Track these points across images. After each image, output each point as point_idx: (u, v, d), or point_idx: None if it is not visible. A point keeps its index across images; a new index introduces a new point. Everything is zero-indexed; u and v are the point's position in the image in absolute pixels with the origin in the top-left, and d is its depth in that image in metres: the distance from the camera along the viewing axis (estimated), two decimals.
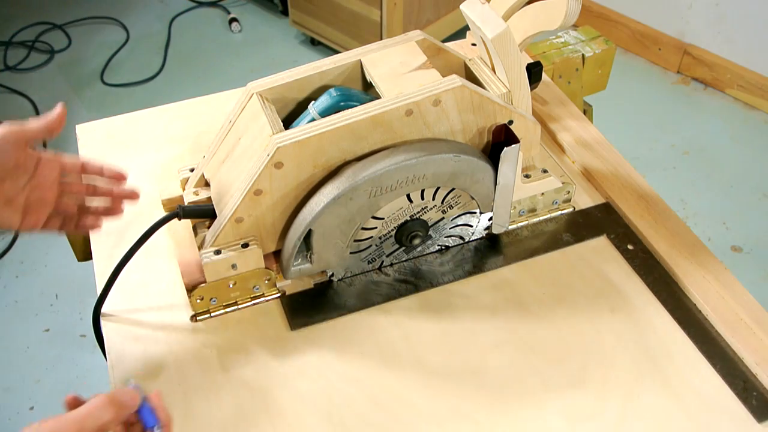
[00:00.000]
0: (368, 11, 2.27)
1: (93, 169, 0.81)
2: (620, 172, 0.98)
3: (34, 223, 0.77)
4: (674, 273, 0.86)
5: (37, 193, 0.76)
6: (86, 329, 1.76)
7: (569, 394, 0.76)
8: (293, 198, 0.80)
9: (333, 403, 0.75)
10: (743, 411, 0.74)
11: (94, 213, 0.83)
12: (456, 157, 0.79)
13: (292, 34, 2.69)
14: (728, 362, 0.78)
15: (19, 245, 1.99)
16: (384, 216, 0.82)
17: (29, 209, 0.76)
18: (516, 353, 0.79)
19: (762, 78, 2.28)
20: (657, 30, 2.46)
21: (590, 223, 0.93)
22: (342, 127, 0.76)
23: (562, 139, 1.03)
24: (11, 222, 0.75)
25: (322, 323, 0.82)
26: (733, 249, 1.92)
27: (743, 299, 0.83)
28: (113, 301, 0.84)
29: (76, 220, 0.82)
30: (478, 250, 0.90)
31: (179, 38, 2.68)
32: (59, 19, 2.74)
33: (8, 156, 0.72)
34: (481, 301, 0.84)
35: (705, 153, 2.19)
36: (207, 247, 0.80)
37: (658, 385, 0.76)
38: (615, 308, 0.84)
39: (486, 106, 0.81)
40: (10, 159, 0.72)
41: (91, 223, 0.83)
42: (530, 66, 0.91)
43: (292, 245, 0.80)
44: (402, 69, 0.83)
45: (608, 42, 1.21)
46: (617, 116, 2.28)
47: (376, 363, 0.79)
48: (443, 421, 0.74)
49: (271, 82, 0.84)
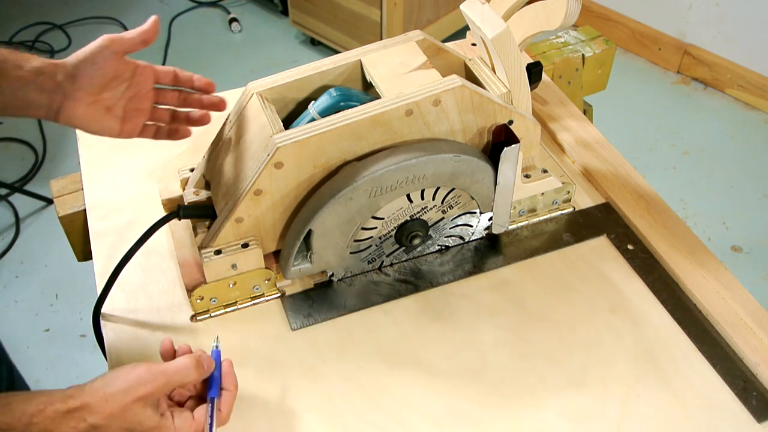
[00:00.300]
0: (368, 11, 2.27)
1: (184, 79, 0.84)
2: (620, 172, 0.98)
3: (131, 131, 0.81)
4: (674, 273, 0.86)
5: (134, 102, 0.80)
6: (86, 329, 1.76)
7: (569, 394, 0.76)
8: (293, 198, 0.80)
9: (333, 402, 0.75)
10: (743, 411, 0.74)
11: (186, 121, 0.86)
12: (456, 157, 0.79)
13: (292, 34, 2.69)
14: (728, 362, 0.78)
15: (19, 245, 1.99)
16: (384, 216, 0.82)
17: (127, 117, 0.80)
18: (516, 353, 0.79)
19: (762, 78, 2.28)
20: (657, 30, 2.46)
21: (590, 223, 0.93)
22: (342, 127, 0.76)
23: (562, 139, 1.04)
24: (111, 129, 0.79)
25: (322, 323, 0.82)
26: (733, 249, 1.92)
27: (743, 299, 0.83)
28: (113, 301, 0.84)
29: (168, 129, 0.86)
30: (478, 250, 0.90)
31: (179, 38, 2.68)
32: (59, 19, 2.74)
33: (108, 65, 0.76)
34: (481, 301, 0.84)
35: (705, 153, 2.19)
36: (207, 247, 0.80)
37: (658, 385, 0.76)
38: (615, 308, 0.84)
39: (486, 106, 0.81)
40: (110, 68, 0.76)
41: (183, 131, 0.87)
42: (530, 66, 0.91)
43: (292, 245, 0.80)
44: (402, 69, 0.83)
45: (608, 42, 1.21)
46: (617, 116, 2.28)
47: (376, 363, 0.79)
48: (443, 421, 0.74)
49: (271, 82, 0.84)
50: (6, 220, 2.05)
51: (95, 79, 0.76)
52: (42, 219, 2.06)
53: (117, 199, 0.96)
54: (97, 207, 0.96)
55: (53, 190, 1.00)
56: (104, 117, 0.78)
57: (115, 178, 0.99)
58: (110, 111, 0.78)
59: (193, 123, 0.86)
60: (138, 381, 0.63)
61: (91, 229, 0.93)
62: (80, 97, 0.76)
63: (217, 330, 0.82)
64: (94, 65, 0.76)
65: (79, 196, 0.98)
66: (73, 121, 0.77)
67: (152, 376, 0.63)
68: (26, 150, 2.25)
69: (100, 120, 0.78)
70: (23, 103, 0.75)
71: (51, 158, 2.22)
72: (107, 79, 0.77)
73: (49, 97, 0.75)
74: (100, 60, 0.76)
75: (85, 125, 0.78)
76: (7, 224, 2.04)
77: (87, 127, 0.79)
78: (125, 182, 0.99)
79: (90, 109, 0.77)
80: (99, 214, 0.95)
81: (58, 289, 1.88)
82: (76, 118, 0.77)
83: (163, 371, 0.64)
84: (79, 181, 1.00)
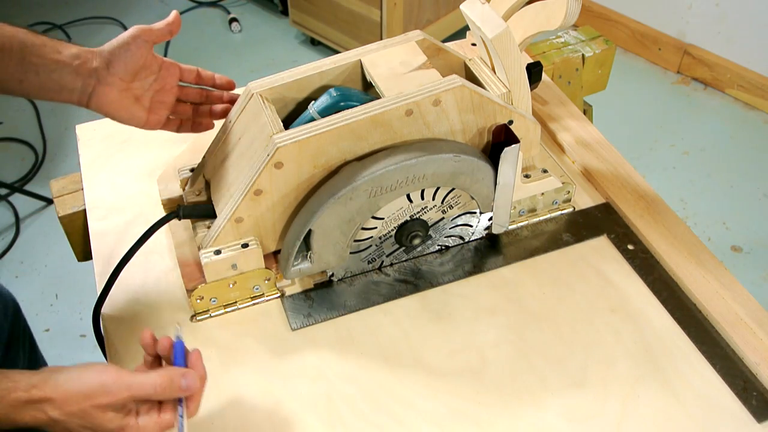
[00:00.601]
0: (368, 11, 2.27)
1: (206, 77, 0.88)
2: (620, 172, 0.98)
3: (157, 122, 0.85)
4: (674, 273, 0.86)
5: (160, 95, 0.84)
6: (86, 329, 1.76)
7: (569, 394, 0.76)
8: (293, 198, 0.80)
9: (333, 403, 0.75)
10: (743, 411, 0.74)
11: (209, 115, 0.90)
12: (456, 157, 0.79)
13: (292, 34, 2.69)
14: (728, 362, 0.78)
15: (19, 245, 1.99)
16: (384, 216, 0.82)
17: (153, 108, 0.84)
18: (516, 353, 0.79)
19: (762, 78, 2.28)
20: (657, 30, 2.46)
21: (590, 223, 0.93)
22: (342, 127, 0.76)
23: (562, 139, 1.04)
24: (139, 119, 0.83)
25: (322, 323, 0.82)
26: (733, 249, 1.92)
27: (743, 299, 0.83)
28: (113, 301, 0.84)
29: (191, 122, 0.89)
30: (478, 250, 0.90)
31: (179, 38, 2.67)
32: (59, 19, 2.74)
33: (141, 52, 0.80)
34: (481, 301, 0.84)
35: (705, 153, 2.19)
36: (207, 247, 0.80)
37: (658, 385, 0.76)
38: (615, 308, 0.84)
39: (486, 106, 0.81)
40: (142, 56, 0.80)
41: (206, 123, 0.90)
42: (530, 66, 0.91)
43: (292, 245, 0.80)
44: (402, 69, 0.83)
45: (608, 42, 1.21)
46: (617, 116, 2.28)
47: (376, 363, 0.79)
48: (443, 421, 0.74)
49: (271, 82, 0.84)
50: (6, 220, 2.05)
51: (129, 65, 0.79)
52: (42, 219, 2.06)
53: (117, 199, 0.96)
54: (97, 207, 0.96)
55: (53, 190, 1.00)
56: (133, 105, 0.82)
57: (115, 178, 0.99)
58: (139, 101, 0.82)
59: (215, 116, 0.89)
60: (101, 389, 0.62)
61: (91, 229, 0.93)
62: (113, 82, 0.79)
63: (217, 330, 0.82)
64: (128, 52, 0.79)
65: (79, 196, 0.98)
66: (104, 107, 0.81)
67: (116, 388, 0.62)
68: (26, 150, 2.25)
69: (129, 108, 0.82)
70: (57, 85, 0.78)
71: (51, 158, 2.22)
72: (139, 67, 0.80)
73: (83, 81, 0.78)
74: (134, 47, 0.79)
75: (115, 111, 0.82)
76: (7, 224, 2.04)
77: (116, 113, 0.82)
78: (125, 182, 0.99)
79: (121, 95, 0.81)
80: (99, 214, 0.95)
81: (58, 289, 1.88)
82: (107, 104, 0.80)
83: (128, 386, 0.63)
84: (79, 181, 1.00)
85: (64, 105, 0.88)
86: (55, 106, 2.36)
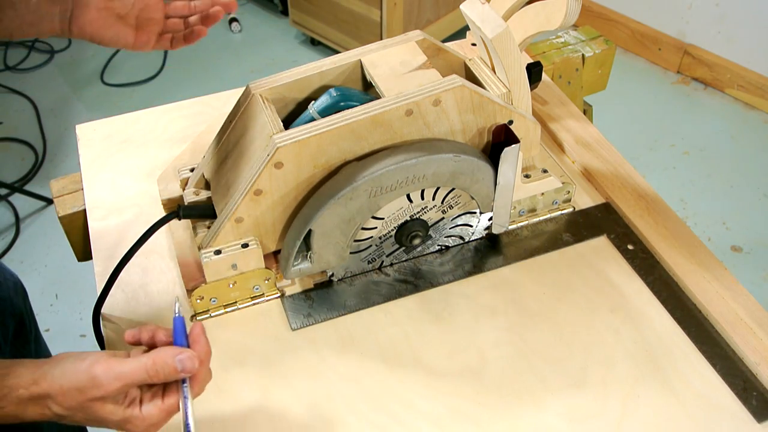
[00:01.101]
0: (368, 11, 2.27)
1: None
2: (620, 172, 0.98)
3: (146, 41, 0.83)
4: (674, 273, 0.86)
5: (146, 13, 0.82)
6: (86, 329, 1.76)
7: (569, 394, 0.76)
8: (293, 198, 0.80)
9: (333, 403, 0.75)
10: (743, 411, 0.74)
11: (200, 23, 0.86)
12: (456, 157, 0.79)
13: (292, 34, 2.69)
14: (728, 362, 0.78)
15: (19, 245, 1.99)
16: (384, 216, 0.82)
17: (140, 26, 0.82)
18: (516, 353, 0.79)
19: (762, 78, 2.28)
20: (657, 30, 2.46)
21: (590, 223, 0.93)
22: (342, 127, 0.76)
23: (562, 139, 1.04)
24: (126, 39, 0.81)
25: (322, 323, 0.82)
26: (733, 249, 1.92)
27: (743, 299, 0.83)
28: (113, 301, 0.84)
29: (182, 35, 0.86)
30: (478, 250, 0.90)
31: None
32: None
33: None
34: (481, 301, 0.84)
35: (705, 153, 2.19)
36: (207, 247, 0.80)
37: (658, 385, 0.76)
38: (615, 308, 0.84)
39: (486, 106, 0.81)
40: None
41: (198, 31, 0.86)
42: (530, 66, 0.91)
43: (292, 245, 0.80)
44: (402, 69, 0.83)
45: (608, 42, 1.21)
46: (617, 116, 2.28)
47: (376, 363, 0.79)
48: (443, 421, 0.74)
49: (271, 82, 0.84)
50: (6, 220, 2.05)
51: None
52: (42, 219, 2.06)
53: (117, 199, 0.96)
54: (97, 207, 0.96)
55: (53, 190, 1.00)
56: (117, 24, 0.80)
57: (115, 178, 0.99)
58: (123, 19, 0.80)
59: (206, 21, 0.86)
60: (91, 382, 0.60)
61: (91, 229, 0.93)
62: (90, 2, 0.78)
63: (217, 330, 0.82)
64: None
65: (79, 196, 0.98)
66: (86, 29, 0.79)
67: (107, 380, 0.60)
68: (26, 150, 2.25)
69: (113, 26, 0.80)
70: (36, 17, 0.77)
71: (51, 158, 2.22)
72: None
73: (60, 6, 0.77)
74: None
75: (99, 32, 0.80)
76: (7, 224, 2.04)
77: (101, 34, 0.80)
78: (125, 182, 0.99)
79: (101, 15, 0.79)
80: (99, 214, 0.95)
81: (58, 289, 1.88)
82: (88, 23, 0.78)
83: (118, 375, 0.60)
84: (79, 181, 1.00)
85: (64, 105, 0.88)
86: (55, 106, 2.36)
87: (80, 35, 0.80)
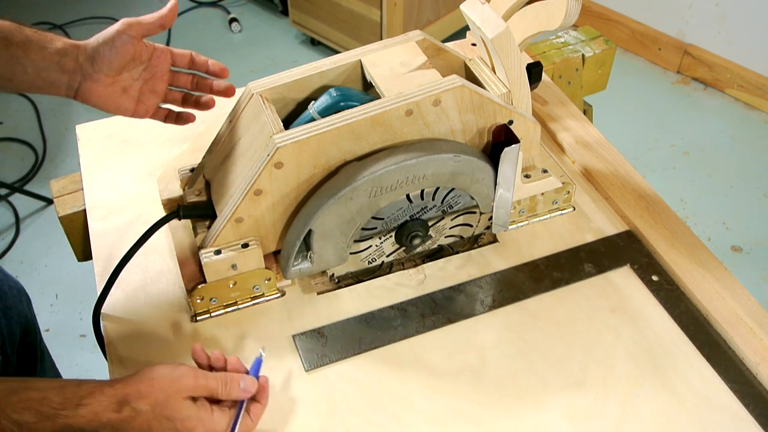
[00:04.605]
0: (368, 11, 2.27)
1: (200, 62, 0.87)
2: (620, 172, 0.98)
3: (145, 111, 0.85)
4: (674, 273, 0.86)
5: (150, 84, 0.83)
6: (86, 329, 1.76)
7: (569, 394, 0.76)
8: (293, 198, 0.80)
9: (333, 403, 0.75)
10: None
11: (193, 105, 0.89)
12: (456, 157, 0.79)
13: (292, 34, 2.69)
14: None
15: (19, 245, 1.99)
16: (384, 216, 0.82)
17: (142, 98, 0.84)
18: (516, 353, 0.79)
19: (762, 78, 2.28)
20: (657, 30, 2.46)
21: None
22: (342, 127, 0.76)
23: (562, 139, 1.04)
24: (126, 109, 0.83)
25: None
26: (733, 249, 1.92)
27: (743, 299, 0.83)
28: (113, 301, 0.84)
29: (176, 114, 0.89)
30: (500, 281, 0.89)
31: (179, 38, 2.68)
32: (59, 19, 2.74)
33: (126, 49, 0.79)
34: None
35: (705, 153, 2.19)
36: (207, 247, 0.80)
37: (658, 385, 0.76)
38: (615, 308, 0.84)
39: (486, 106, 0.81)
40: (128, 52, 0.79)
41: (187, 116, 0.89)
42: (530, 66, 0.91)
43: (292, 245, 0.80)
44: (402, 69, 0.83)
45: (608, 42, 1.21)
46: (617, 116, 2.28)
47: (376, 363, 0.79)
48: (443, 421, 0.74)
49: (271, 82, 0.84)
50: (6, 220, 2.05)
51: (113, 62, 0.79)
52: (42, 219, 2.06)
53: (117, 199, 0.96)
54: (97, 207, 0.96)
55: (53, 190, 1.00)
56: (120, 97, 0.82)
57: (115, 178, 0.99)
58: (126, 91, 0.82)
59: (199, 107, 0.89)
60: (181, 376, 0.67)
61: (91, 229, 0.93)
62: (99, 78, 0.79)
63: (217, 330, 0.82)
64: (112, 49, 0.78)
65: (79, 196, 0.98)
66: (90, 100, 0.81)
67: (194, 378, 0.67)
68: (26, 150, 2.25)
69: (116, 99, 0.81)
70: (45, 82, 0.78)
71: (51, 158, 2.22)
72: (125, 62, 0.80)
73: (69, 77, 0.79)
74: (118, 44, 0.78)
75: (102, 104, 0.81)
76: (7, 224, 2.04)
77: (103, 106, 0.82)
78: (125, 182, 0.99)
79: (108, 89, 0.80)
80: (99, 214, 0.95)
81: (58, 289, 1.88)
82: (93, 97, 0.80)
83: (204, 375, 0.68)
84: (79, 181, 1.00)
85: (64, 105, 0.88)
86: (55, 106, 2.36)
87: (84, 102, 0.82)
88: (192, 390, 0.67)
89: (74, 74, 0.78)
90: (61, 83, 0.79)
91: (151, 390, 0.65)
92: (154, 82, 0.84)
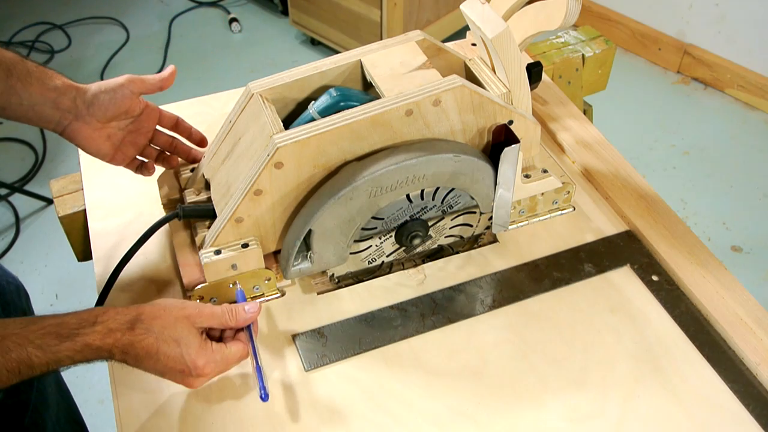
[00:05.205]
0: (368, 11, 2.27)
1: (183, 127, 0.91)
2: (620, 172, 0.98)
3: (122, 160, 0.88)
4: (674, 273, 0.86)
5: (133, 136, 0.87)
6: None
7: (569, 394, 0.76)
8: (293, 198, 0.80)
9: (333, 403, 0.75)
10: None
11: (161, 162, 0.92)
12: (456, 157, 0.79)
13: (292, 34, 2.69)
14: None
15: (19, 245, 1.99)
16: (384, 216, 0.82)
17: (122, 147, 0.87)
18: (516, 353, 0.79)
19: (762, 78, 2.28)
20: (657, 30, 2.46)
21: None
22: (342, 127, 0.76)
23: (562, 139, 1.04)
24: (105, 154, 0.86)
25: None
26: (733, 249, 1.92)
27: (743, 299, 0.83)
28: (113, 301, 0.84)
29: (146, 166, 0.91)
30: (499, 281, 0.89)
31: (179, 38, 2.68)
32: (59, 19, 2.74)
33: (125, 101, 0.83)
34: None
35: (705, 153, 2.19)
36: (207, 247, 0.80)
37: (658, 385, 0.76)
38: (615, 308, 0.84)
39: (486, 106, 0.81)
40: (125, 104, 0.83)
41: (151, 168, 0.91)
42: (530, 66, 0.91)
43: (292, 245, 0.80)
44: (402, 69, 0.83)
45: (608, 42, 1.21)
46: (617, 116, 2.28)
47: (376, 363, 0.79)
48: (443, 421, 0.74)
49: (271, 82, 0.84)
50: (6, 220, 2.05)
51: (109, 110, 0.83)
52: (42, 219, 2.06)
53: (117, 199, 0.96)
54: (97, 207, 0.96)
55: (53, 190, 1.00)
56: (104, 142, 0.85)
57: (115, 178, 0.99)
58: (110, 138, 0.85)
59: (167, 166, 0.92)
60: (191, 305, 0.72)
61: (91, 229, 0.93)
62: (90, 122, 0.83)
63: None
64: (113, 99, 0.82)
65: (79, 196, 0.98)
66: (75, 140, 0.84)
67: (197, 308, 0.72)
68: (26, 150, 2.25)
69: (99, 144, 0.85)
70: (37, 116, 0.81)
71: (51, 158, 2.22)
72: (119, 113, 0.83)
73: (62, 114, 0.81)
74: (119, 95, 0.82)
75: (85, 145, 0.85)
76: (7, 224, 2.04)
77: (85, 146, 0.85)
78: (125, 182, 0.99)
79: (95, 133, 0.84)
80: (99, 214, 0.95)
81: (58, 289, 1.88)
82: (79, 137, 0.83)
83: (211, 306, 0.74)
84: (79, 181, 1.00)
85: None
86: None
87: (68, 139, 0.84)
88: (199, 316, 0.72)
89: (67, 113, 0.81)
90: (52, 119, 0.81)
91: (163, 313, 0.70)
92: (137, 136, 0.87)
